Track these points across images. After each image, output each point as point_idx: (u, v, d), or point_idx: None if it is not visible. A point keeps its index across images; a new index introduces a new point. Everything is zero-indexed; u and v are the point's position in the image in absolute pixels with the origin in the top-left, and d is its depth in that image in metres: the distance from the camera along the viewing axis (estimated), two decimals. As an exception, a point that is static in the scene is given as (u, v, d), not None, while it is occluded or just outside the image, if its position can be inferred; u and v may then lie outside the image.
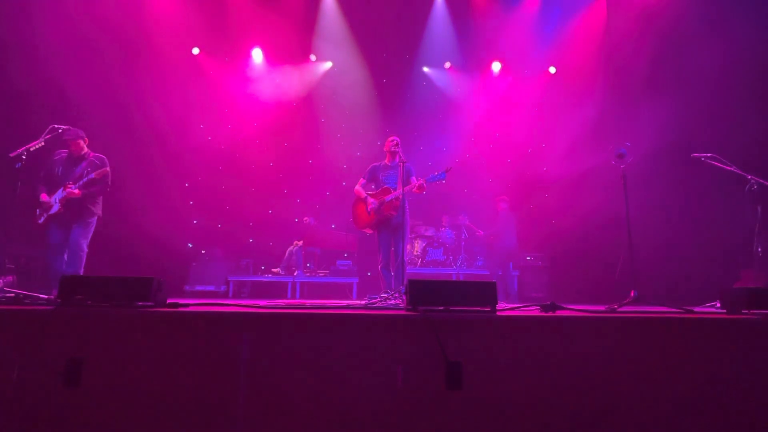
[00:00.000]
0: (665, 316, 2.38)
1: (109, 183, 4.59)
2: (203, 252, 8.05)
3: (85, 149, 4.57)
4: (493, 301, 2.46)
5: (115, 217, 5.46)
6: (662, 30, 7.29)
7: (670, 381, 2.22)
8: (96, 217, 4.55)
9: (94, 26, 7.11)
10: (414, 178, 4.57)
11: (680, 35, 7.14)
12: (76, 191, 4.31)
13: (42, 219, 4.31)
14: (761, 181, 4.35)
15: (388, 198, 4.55)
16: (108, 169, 4.48)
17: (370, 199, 4.67)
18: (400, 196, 4.49)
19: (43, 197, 4.32)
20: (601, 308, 3.10)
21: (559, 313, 2.59)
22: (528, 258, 7.82)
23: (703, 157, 4.34)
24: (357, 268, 7.98)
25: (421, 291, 2.45)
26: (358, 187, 4.86)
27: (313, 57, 9.21)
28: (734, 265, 5.47)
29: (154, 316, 2.25)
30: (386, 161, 4.82)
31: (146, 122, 7.76)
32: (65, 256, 4.35)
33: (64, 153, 4.54)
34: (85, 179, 4.36)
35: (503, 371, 2.19)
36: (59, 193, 4.32)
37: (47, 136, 4.04)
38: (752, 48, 6.63)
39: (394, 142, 4.70)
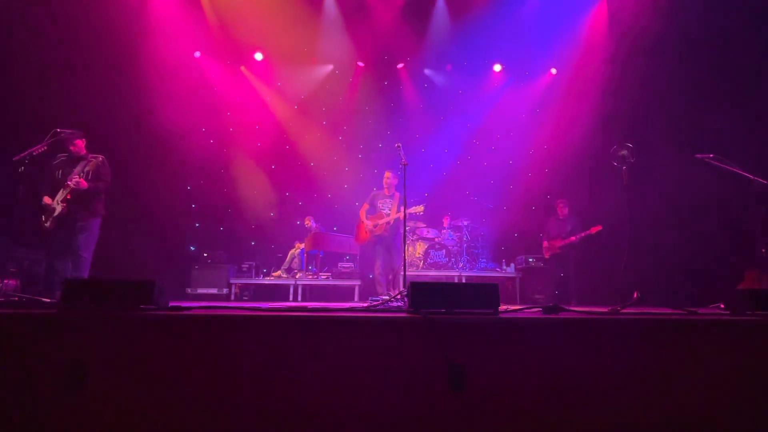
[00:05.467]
0: (669, 318, 2.36)
1: (110, 182, 4.59)
2: (205, 255, 8.05)
3: (84, 149, 4.58)
4: (496, 303, 2.46)
5: (117, 220, 5.48)
6: (662, 30, 7.27)
7: (673, 383, 2.20)
8: (100, 218, 4.56)
9: (96, 30, 7.13)
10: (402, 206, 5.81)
11: (681, 36, 7.12)
12: (84, 183, 4.31)
13: (48, 223, 4.32)
14: (764, 181, 4.33)
15: (381, 221, 5.68)
16: (103, 168, 4.48)
17: (367, 222, 5.80)
18: (391, 221, 5.61)
19: (46, 200, 4.34)
20: (604, 310, 3.10)
21: (561, 315, 2.58)
22: (530, 260, 7.80)
23: (706, 158, 4.32)
24: (359, 271, 7.98)
25: (423, 293, 2.45)
26: (361, 211, 5.92)
27: (314, 60, 9.23)
28: (738, 266, 5.44)
29: (156, 319, 2.25)
30: (384, 191, 5.88)
31: (148, 125, 7.77)
32: (69, 261, 4.36)
33: (63, 156, 4.55)
34: (85, 174, 4.36)
35: (506, 373, 2.18)
36: (60, 195, 4.32)
37: (50, 140, 4.06)
38: (753, 46, 6.61)
39: (389, 177, 5.79)
